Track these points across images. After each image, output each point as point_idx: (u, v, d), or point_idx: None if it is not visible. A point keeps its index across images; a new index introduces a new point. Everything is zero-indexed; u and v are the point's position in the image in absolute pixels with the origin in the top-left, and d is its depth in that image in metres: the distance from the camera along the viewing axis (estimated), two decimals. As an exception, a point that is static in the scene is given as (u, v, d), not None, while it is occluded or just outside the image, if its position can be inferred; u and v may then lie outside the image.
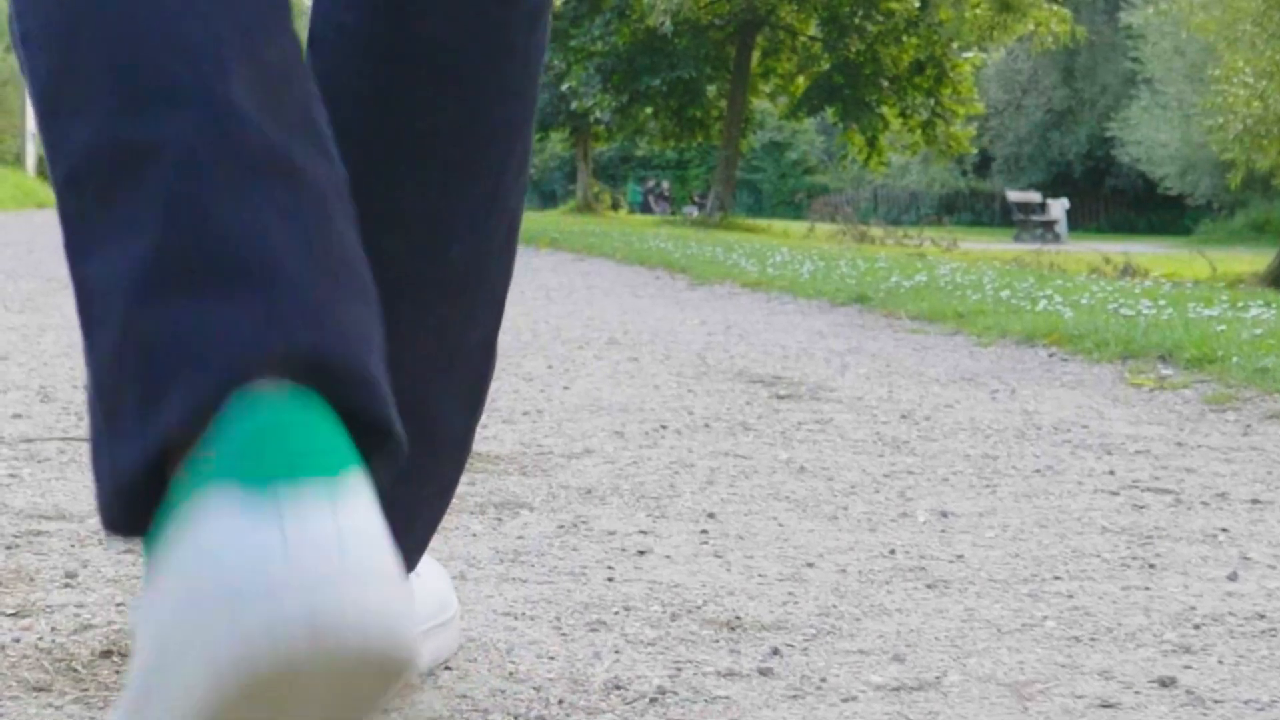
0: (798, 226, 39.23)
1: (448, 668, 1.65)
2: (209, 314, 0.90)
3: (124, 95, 0.95)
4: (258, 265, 0.92)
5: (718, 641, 1.82)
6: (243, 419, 0.88)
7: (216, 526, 0.86)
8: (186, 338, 0.90)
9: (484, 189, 1.40)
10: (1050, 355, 5.74)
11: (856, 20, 38.06)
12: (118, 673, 1.58)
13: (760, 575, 2.16)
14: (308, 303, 0.93)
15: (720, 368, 4.98)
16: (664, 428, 3.54)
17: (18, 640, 1.68)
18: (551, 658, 1.72)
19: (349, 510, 0.89)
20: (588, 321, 6.87)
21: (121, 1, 0.98)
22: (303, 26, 1.28)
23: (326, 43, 1.38)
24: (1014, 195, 43.50)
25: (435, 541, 2.24)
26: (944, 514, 2.66)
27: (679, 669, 1.70)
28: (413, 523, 1.49)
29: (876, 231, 32.46)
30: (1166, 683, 1.70)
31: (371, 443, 0.98)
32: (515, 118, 1.41)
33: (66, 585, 1.93)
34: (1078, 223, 44.62)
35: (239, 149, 0.94)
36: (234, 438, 0.87)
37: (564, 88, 40.40)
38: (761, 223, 40.39)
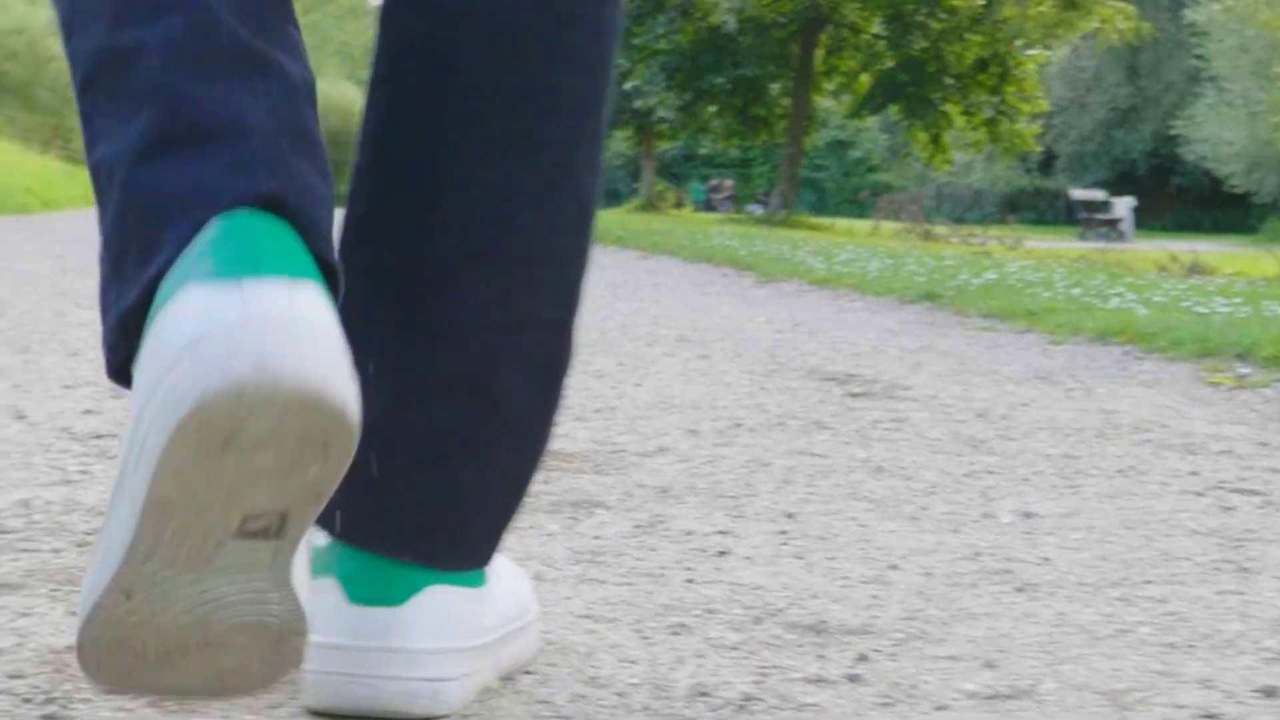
0: (862, 225, 39.14)
1: (528, 672, 1.60)
2: (188, 170, 1.06)
3: (118, 9, 1.11)
4: (228, 128, 1.07)
5: (803, 646, 1.76)
6: (214, 230, 1.03)
7: (186, 302, 1.00)
8: (171, 192, 1.06)
9: (550, 161, 1.38)
10: (1124, 353, 5.68)
11: (920, 17, 37.92)
12: (189, 676, 1.53)
13: (843, 577, 2.11)
14: (269, 157, 1.08)
15: (791, 365, 4.92)
16: (738, 426, 3.49)
17: (87, 642, 1.63)
18: (633, 662, 1.66)
19: (304, 299, 1.01)
20: (655, 319, 6.82)
21: None
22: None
23: (392, 8, 1.39)
24: (1078, 193, 43.34)
25: (511, 542, 2.19)
26: (1027, 515, 2.59)
27: (765, 675, 1.64)
28: (482, 511, 1.45)
29: (941, 229, 32.37)
30: (1270, 692, 1.64)
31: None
32: (583, 90, 1.40)
33: (136, 585, 1.89)
34: (1142, 221, 44.31)
35: (216, 44, 1.09)
36: (205, 243, 1.03)
37: (628, 86, 40.36)
38: (825, 221, 40.31)
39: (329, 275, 1.08)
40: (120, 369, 1.09)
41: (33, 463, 2.67)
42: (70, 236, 12.84)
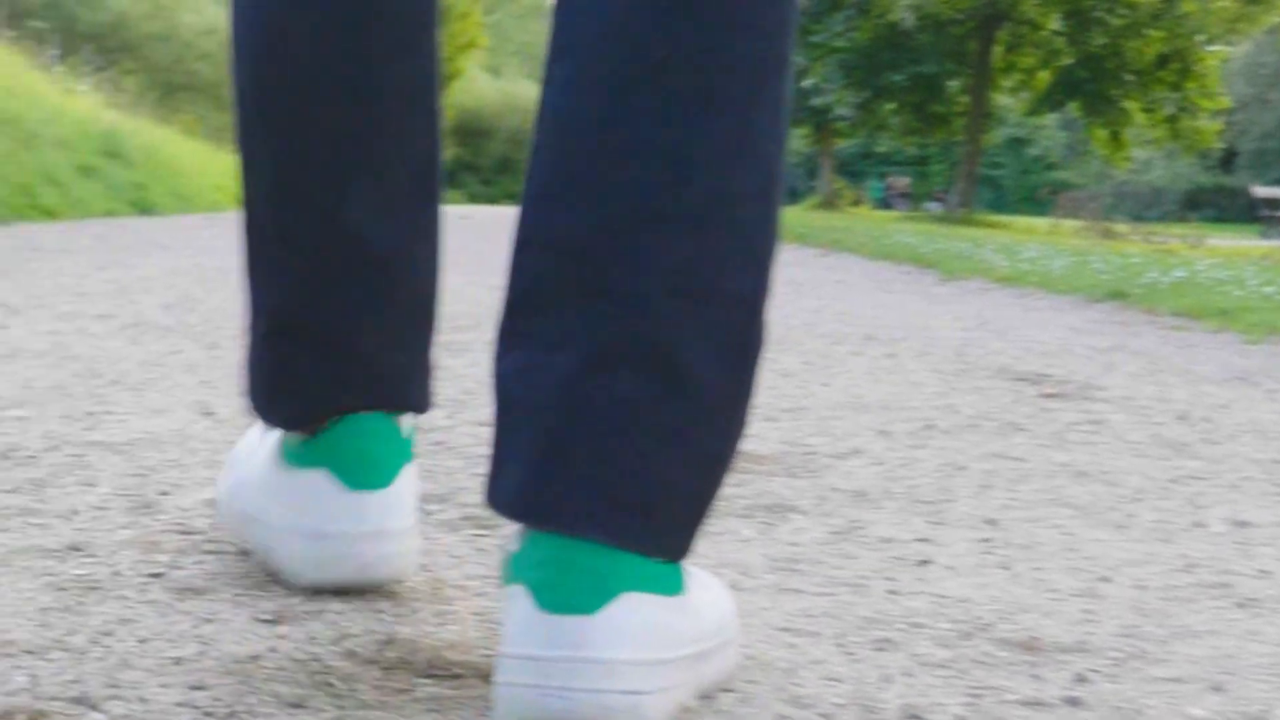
0: (1040, 222, 38.77)
1: (727, 690, 1.53)
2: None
3: None
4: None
5: (1016, 665, 1.67)
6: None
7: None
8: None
9: (727, 125, 1.34)
10: (1326, 354, 5.50)
11: (1100, 13, 37.53)
12: (377, 688, 1.47)
13: (1052, 590, 2.01)
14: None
15: (981, 364, 4.81)
16: (930, 427, 3.40)
17: (274, 650, 1.58)
18: (838, 680, 1.58)
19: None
20: (839, 316, 6.72)
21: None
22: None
23: None
24: (1261, 190, 42.66)
25: (705, 548, 2.12)
26: (1240, 524, 2.48)
27: (978, 696, 1.55)
28: (670, 490, 1.37)
29: (1121, 228, 31.99)
30: None
31: None
32: (761, 55, 1.36)
33: (324, 590, 1.83)
34: (1327, 218, 43.47)
35: None
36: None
37: (805, 84, 40.27)
38: (1003, 218, 39.99)
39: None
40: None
41: (219, 460, 2.64)
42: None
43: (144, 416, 3.11)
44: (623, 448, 1.33)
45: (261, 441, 1.92)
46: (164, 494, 2.36)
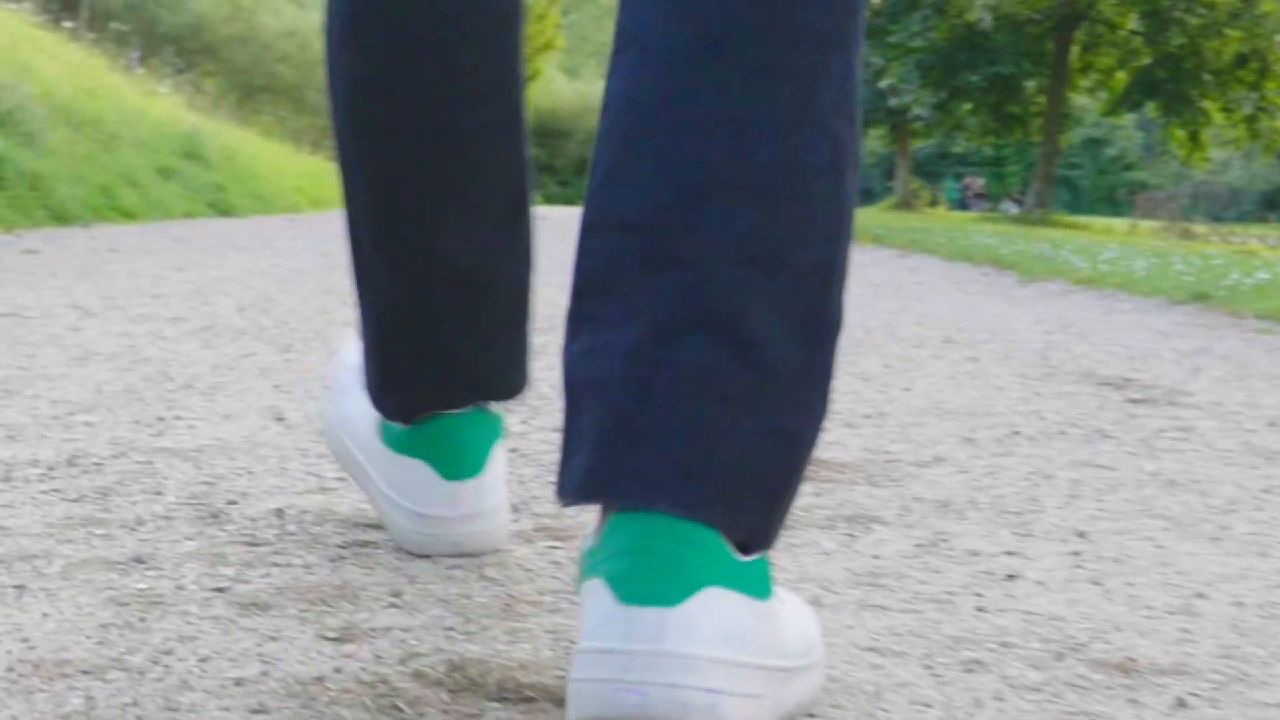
0: (1119, 223, 38.55)
1: (810, 715, 1.46)
2: None
3: None
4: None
5: (1112, 689, 1.60)
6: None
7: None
8: None
9: (790, 97, 1.32)
10: None
11: (1178, 13, 37.30)
12: (445, 712, 1.41)
13: (1147, 607, 1.94)
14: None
15: (1065, 369, 4.73)
16: (1016, 434, 3.32)
17: (339, 670, 1.52)
18: (927, 705, 1.51)
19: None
20: (919, 318, 6.64)
21: None
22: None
23: None
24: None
25: (785, 561, 2.06)
26: (1339, 537, 2.40)
27: (1074, 721, 1.48)
28: (744, 464, 1.30)
29: (1199, 228, 31.73)
30: None
31: None
32: (825, 29, 1.34)
33: (392, 605, 1.78)
34: None
35: None
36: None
37: (882, 84, 40.18)
38: (1081, 219, 39.80)
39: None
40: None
41: (288, 468, 2.59)
42: (338, 235, 12.94)
43: (214, 422, 3.07)
44: (693, 416, 1.28)
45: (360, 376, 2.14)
46: (232, 503, 2.31)
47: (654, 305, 1.30)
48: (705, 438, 1.30)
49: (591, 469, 1.30)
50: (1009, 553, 2.21)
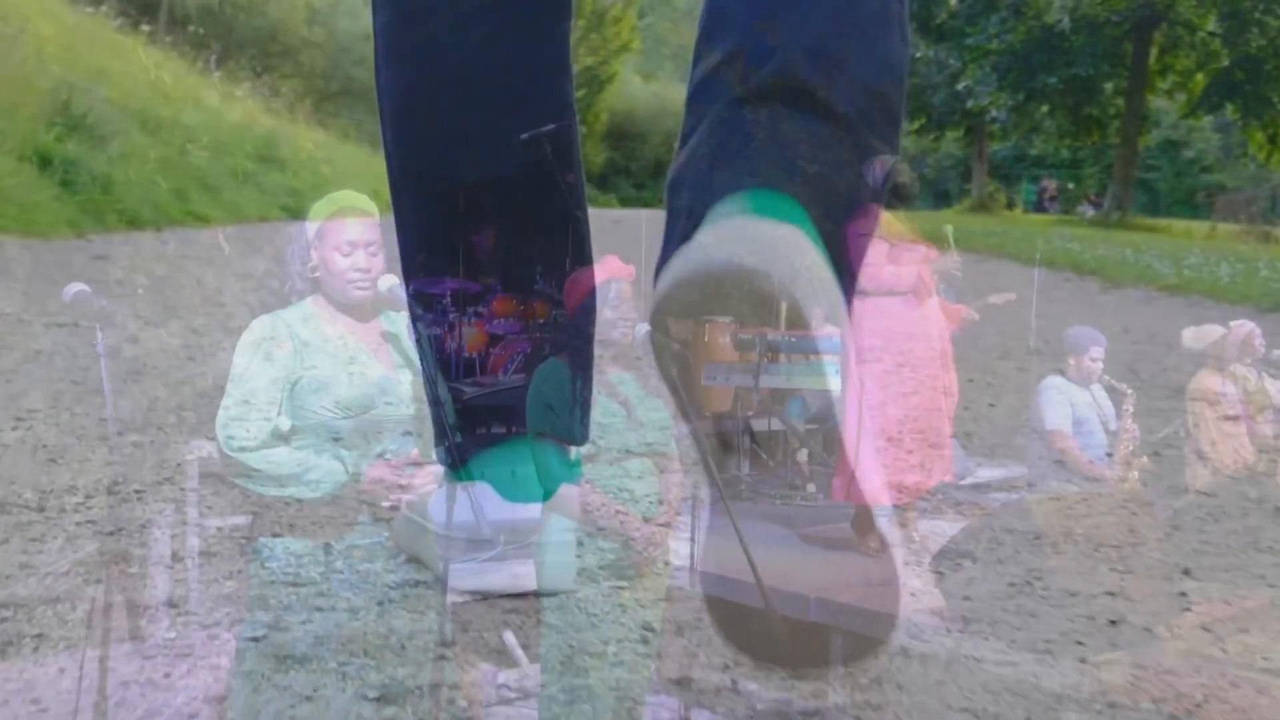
0: (1198, 226, 38.23)
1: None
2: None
3: None
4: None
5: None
6: None
7: None
8: None
9: None
10: None
11: (1258, 14, 36.95)
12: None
13: (1264, 658, 1.77)
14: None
15: (1155, 382, 4.56)
16: (1108, 454, 3.16)
17: (377, 737, 1.38)
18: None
19: None
20: (1002, 328, 6.47)
21: None
22: None
23: None
24: None
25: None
26: None
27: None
28: None
29: (1280, 232, 31.37)
30: None
31: None
32: None
33: (441, 658, 1.63)
34: None
35: None
36: None
37: (959, 86, 39.98)
38: (1160, 222, 39.47)
39: None
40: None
41: (340, 496, 2.46)
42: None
43: (266, 443, 2.93)
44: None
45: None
46: (277, 535, 2.18)
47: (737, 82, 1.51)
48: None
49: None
50: (1109, 593, 2.05)
